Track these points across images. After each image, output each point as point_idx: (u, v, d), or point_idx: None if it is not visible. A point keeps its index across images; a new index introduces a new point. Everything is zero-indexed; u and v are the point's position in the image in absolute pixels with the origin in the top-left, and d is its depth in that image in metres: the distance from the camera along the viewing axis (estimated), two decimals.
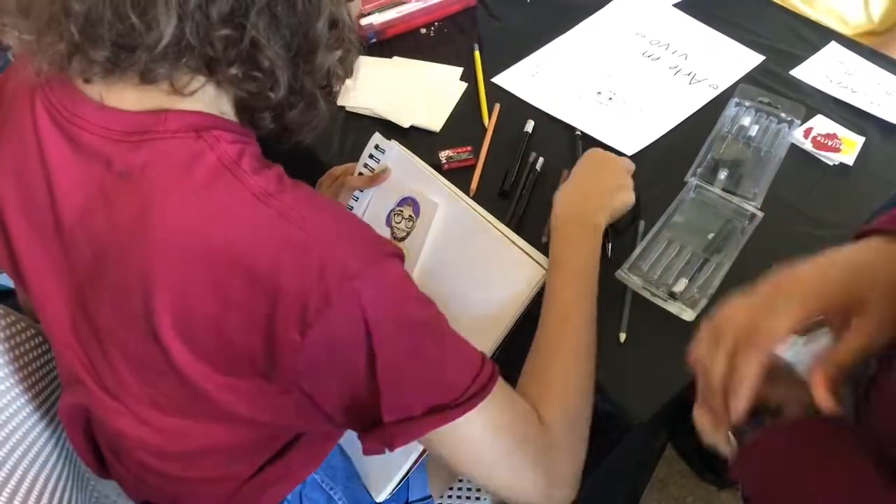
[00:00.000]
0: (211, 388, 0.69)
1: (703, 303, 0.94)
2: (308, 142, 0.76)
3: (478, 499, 1.14)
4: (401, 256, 0.70)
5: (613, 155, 1.05)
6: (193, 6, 0.61)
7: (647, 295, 0.96)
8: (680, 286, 0.96)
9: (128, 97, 0.67)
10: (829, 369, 0.60)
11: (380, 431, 0.69)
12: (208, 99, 0.68)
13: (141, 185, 0.65)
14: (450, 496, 1.14)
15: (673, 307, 0.95)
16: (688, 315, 0.94)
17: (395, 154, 1.03)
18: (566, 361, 0.84)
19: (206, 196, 0.64)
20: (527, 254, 0.93)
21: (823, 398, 0.59)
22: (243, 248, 0.63)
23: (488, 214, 0.97)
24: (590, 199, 0.97)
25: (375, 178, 1.02)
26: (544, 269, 0.92)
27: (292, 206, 0.65)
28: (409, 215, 0.99)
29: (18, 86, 0.73)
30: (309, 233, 0.64)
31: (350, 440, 1.01)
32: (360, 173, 1.06)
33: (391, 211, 1.01)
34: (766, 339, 0.64)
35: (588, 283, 0.90)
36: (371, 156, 1.06)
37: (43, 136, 0.69)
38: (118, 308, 0.69)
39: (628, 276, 0.98)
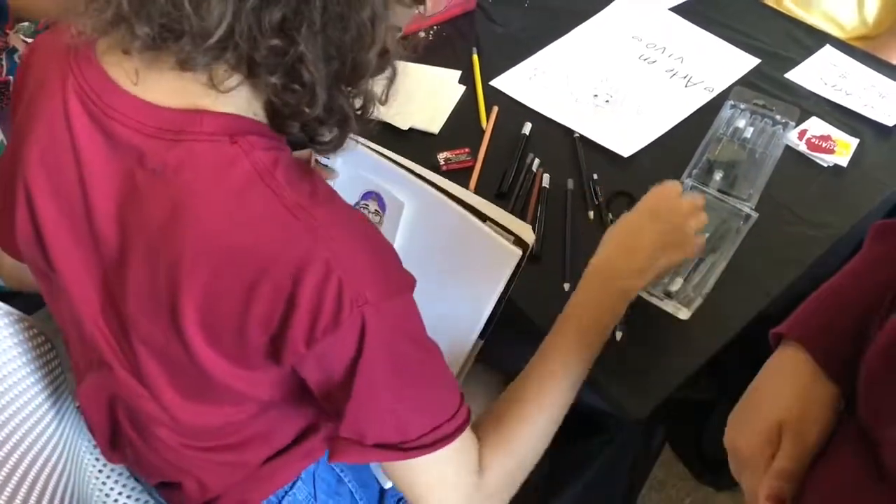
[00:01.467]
0: (228, 378, 0.72)
1: (699, 301, 0.95)
2: (331, 154, 0.76)
3: None
4: (413, 289, 0.72)
5: (680, 199, 0.93)
6: (249, 7, 0.60)
7: (643, 294, 0.97)
8: (675, 285, 0.97)
9: (163, 87, 0.66)
10: (771, 485, 0.65)
11: (334, 438, 0.73)
12: (243, 99, 0.68)
13: (174, 184, 0.65)
14: None
15: (668, 306, 0.96)
16: (683, 314, 0.95)
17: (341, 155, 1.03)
18: (536, 424, 0.82)
19: (239, 202, 0.65)
20: (498, 232, 0.90)
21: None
22: (270, 257, 0.64)
23: (456, 187, 0.95)
24: (633, 255, 0.89)
25: None
26: (520, 250, 0.89)
27: (322, 223, 0.65)
28: (375, 210, 0.99)
29: (50, 61, 0.73)
30: (334, 252, 0.64)
31: None
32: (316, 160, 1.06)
33: (356, 204, 1.00)
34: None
35: (590, 349, 0.86)
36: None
37: (74, 123, 0.69)
38: (144, 300, 0.70)
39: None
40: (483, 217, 0.92)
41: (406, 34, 1.37)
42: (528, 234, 0.90)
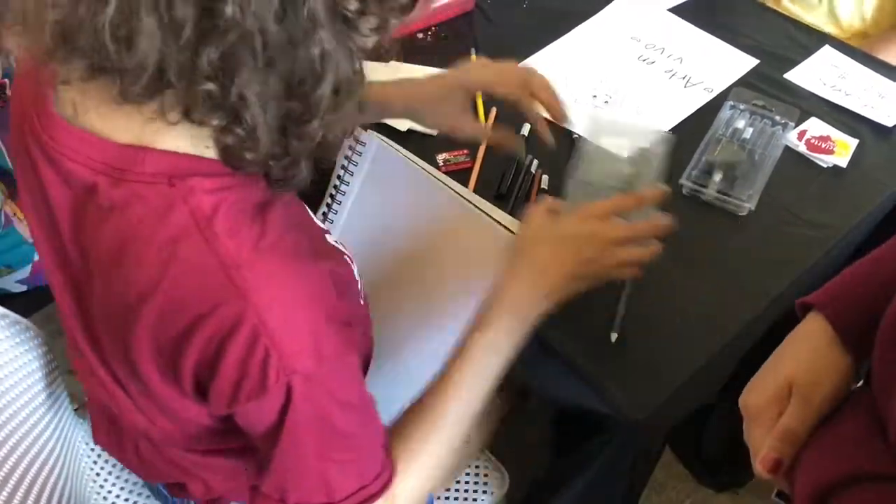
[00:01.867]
0: (180, 408, 0.72)
1: None
2: (296, 189, 0.70)
3: (475, 501, 1.15)
4: (355, 348, 0.70)
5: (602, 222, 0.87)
6: (179, 47, 0.55)
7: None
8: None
9: (108, 119, 0.64)
10: (772, 445, 0.66)
11: (256, 491, 0.72)
12: (188, 135, 0.64)
13: (119, 223, 0.64)
14: (447, 497, 1.15)
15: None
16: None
17: (374, 148, 1.05)
18: (442, 444, 0.80)
19: (174, 253, 0.62)
20: (504, 227, 0.92)
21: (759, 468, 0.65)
22: (199, 315, 0.62)
23: (473, 195, 0.98)
24: (543, 289, 0.84)
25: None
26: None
27: (256, 285, 0.62)
28: None
29: (18, 99, 0.73)
30: (264, 319, 0.62)
31: None
32: (343, 167, 1.08)
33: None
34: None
35: (493, 376, 0.83)
36: (350, 148, 1.07)
37: (35, 160, 0.69)
38: (105, 321, 0.70)
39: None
40: (493, 219, 0.95)
41: (404, 35, 1.38)
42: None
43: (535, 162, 1.16)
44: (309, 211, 0.85)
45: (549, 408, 1.13)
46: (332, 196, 1.10)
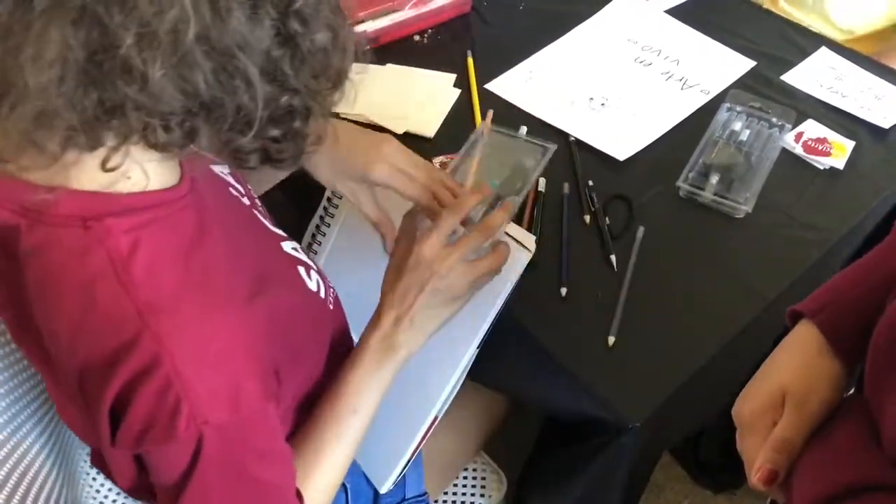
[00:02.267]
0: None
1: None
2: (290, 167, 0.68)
3: (473, 496, 1.15)
4: (274, 396, 0.69)
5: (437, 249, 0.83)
6: (70, 88, 0.52)
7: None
8: None
9: (21, 156, 0.60)
10: (766, 457, 0.66)
11: None
12: (138, 157, 0.62)
13: (40, 266, 0.62)
14: (444, 501, 1.15)
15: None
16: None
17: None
18: (335, 466, 0.80)
19: (90, 297, 0.61)
20: (510, 237, 0.92)
21: (755, 480, 0.65)
22: (113, 357, 0.61)
23: None
24: (405, 324, 0.82)
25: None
26: (529, 250, 0.91)
27: (175, 332, 0.61)
28: None
29: None
30: (179, 370, 0.60)
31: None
32: (324, 208, 1.08)
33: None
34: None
35: (375, 403, 0.82)
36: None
37: None
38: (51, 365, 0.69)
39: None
40: None
41: (401, 38, 1.38)
42: (530, 242, 0.91)
43: None
44: (264, 220, 0.83)
45: (547, 412, 1.13)
46: (329, 200, 1.10)
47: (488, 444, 1.19)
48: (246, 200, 0.83)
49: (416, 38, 1.40)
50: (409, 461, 0.97)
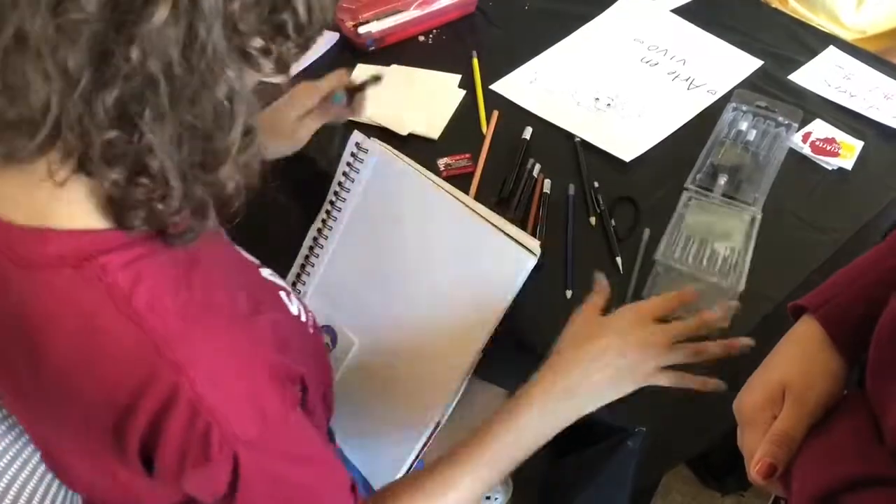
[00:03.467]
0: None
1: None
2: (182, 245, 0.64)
3: (487, 497, 1.14)
4: (297, 403, 0.68)
5: (652, 325, 0.83)
6: (77, 94, 0.51)
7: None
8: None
9: (8, 198, 0.60)
10: (766, 450, 0.65)
11: None
12: (91, 204, 0.60)
13: (31, 313, 0.60)
14: None
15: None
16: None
17: (376, 155, 1.05)
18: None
19: (94, 339, 0.59)
20: (514, 240, 0.93)
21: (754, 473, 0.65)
22: (130, 399, 0.59)
23: (476, 204, 0.98)
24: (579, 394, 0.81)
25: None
26: (534, 255, 0.91)
27: (190, 357, 0.59)
28: None
29: None
30: (201, 395, 0.59)
31: (358, 447, 1.01)
32: (344, 173, 1.08)
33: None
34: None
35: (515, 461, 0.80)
36: (353, 155, 1.07)
37: None
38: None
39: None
40: (494, 227, 0.94)
41: (405, 38, 1.37)
42: (535, 246, 0.92)
43: (538, 166, 1.15)
44: (238, 249, 0.83)
45: None
46: (332, 203, 1.09)
47: None
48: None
49: (421, 38, 1.39)
50: (411, 467, 0.97)
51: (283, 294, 0.80)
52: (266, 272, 0.82)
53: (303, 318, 0.82)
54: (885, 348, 0.63)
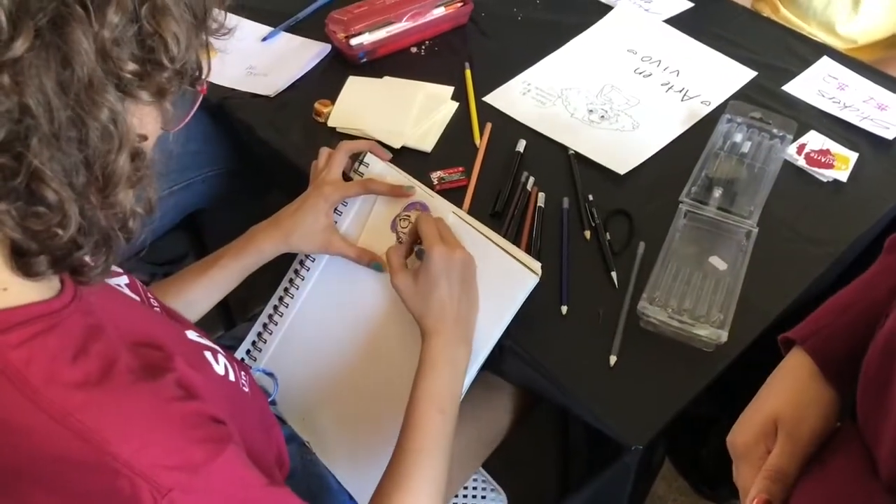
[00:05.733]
0: None
1: (730, 321, 0.93)
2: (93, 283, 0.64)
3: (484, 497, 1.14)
4: (235, 442, 0.67)
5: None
6: None
7: (673, 324, 0.94)
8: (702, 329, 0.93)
9: None
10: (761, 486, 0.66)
11: None
12: None
13: None
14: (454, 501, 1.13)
15: (703, 331, 0.93)
16: (724, 336, 0.92)
17: (380, 167, 1.05)
18: (437, 470, 0.85)
19: (4, 426, 0.58)
20: (518, 260, 0.93)
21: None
22: (46, 473, 0.58)
23: (478, 223, 0.98)
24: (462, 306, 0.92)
25: (397, 189, 1.02)
26: (536, 274, 0.92)
27: (97, 424, 0.58)
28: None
29: None
30: (115, 454, 0.58)
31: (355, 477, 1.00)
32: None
33: (397, 216, 1.02)
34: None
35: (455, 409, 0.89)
36: (354, 170, 1.06)
37: None
38: None
39: (651, 309, 0.94)
40: (497, 245, 0.95)
41: (398, 50, 1.36)
42: (536, 267, 0.93)
43: (532, 179, 1.14)
44: (160, 312, 0.83)
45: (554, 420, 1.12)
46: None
47: (488, 461, 1.18)
48: (136, 297, 0.81)
49: (414, 50, 1.39)
50: None
51: (208, 354, 0.79)
52: (192, 334, 0.81)
53: (231, 378, 0.80)
54: (872, 382, 0.63)
